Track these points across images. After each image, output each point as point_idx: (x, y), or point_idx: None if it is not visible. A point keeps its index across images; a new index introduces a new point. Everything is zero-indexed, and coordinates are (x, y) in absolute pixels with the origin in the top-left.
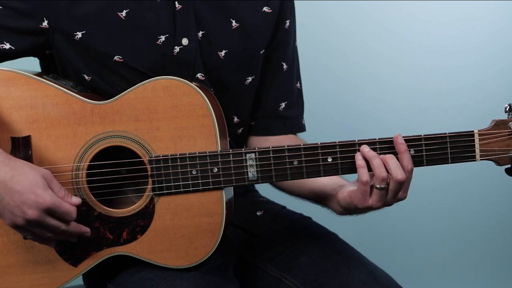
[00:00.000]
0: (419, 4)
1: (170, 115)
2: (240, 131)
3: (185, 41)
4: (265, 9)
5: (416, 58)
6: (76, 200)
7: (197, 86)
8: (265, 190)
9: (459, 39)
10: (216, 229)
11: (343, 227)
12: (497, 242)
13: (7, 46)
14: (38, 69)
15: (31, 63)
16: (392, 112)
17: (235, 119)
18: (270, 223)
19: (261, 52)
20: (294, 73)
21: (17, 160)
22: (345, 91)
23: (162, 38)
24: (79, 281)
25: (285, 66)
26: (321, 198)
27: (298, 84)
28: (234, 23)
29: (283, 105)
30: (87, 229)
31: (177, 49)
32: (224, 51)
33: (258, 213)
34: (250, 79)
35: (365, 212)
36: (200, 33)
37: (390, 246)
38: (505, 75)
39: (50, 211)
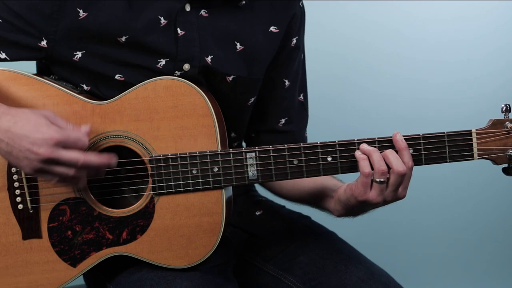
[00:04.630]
0: (418, 3)
1: (170, 114)
2: (235, 144)
3: (186, 67)
4: (272, 29)
5: (414, 57)
6: (85, 127)
7: (197, 86)
8: (265, 189)
9: (457, 38)
10: (216, 229)
11: (342, 226)
12: (496, 241)
13: (2, 55)
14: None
15: (29, 65)
16: (391, 111)
17: (232, 134)
18: (269, 223)
19: (265, 71)
20: (297, 86)
21: (18, 108)
22: (344, 91)
23: (163, 61)
24: (80, 280)
25: (287, 83)
26: (321, 199)
27: (301, 97)
28: (238, 46)
29: (283, 121)
30: (111, 159)
31: (177, 73)
32: (232, 76)
33: (257, 213)
34: (252, 99)
35: (364, 212)
36: (209, 58)
37: (388, 244)
38: (503, 73)
39: (61, 143)
